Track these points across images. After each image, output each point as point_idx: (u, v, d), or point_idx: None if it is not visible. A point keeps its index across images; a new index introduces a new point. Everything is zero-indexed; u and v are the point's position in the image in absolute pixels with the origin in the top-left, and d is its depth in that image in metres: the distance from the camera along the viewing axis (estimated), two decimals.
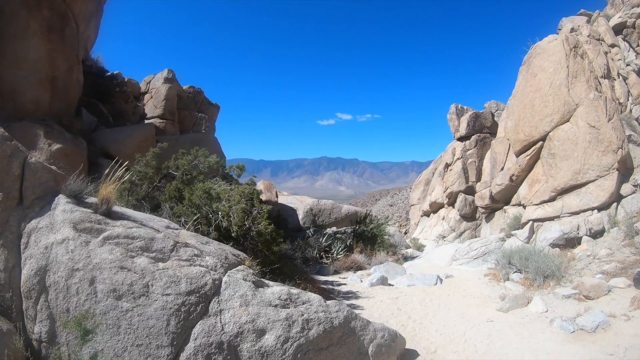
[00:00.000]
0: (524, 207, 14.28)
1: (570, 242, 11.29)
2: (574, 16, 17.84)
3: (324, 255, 14.00)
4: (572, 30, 15.15)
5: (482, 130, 22.51)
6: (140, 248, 4.28)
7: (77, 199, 4.77)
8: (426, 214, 26.20)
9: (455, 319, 7.73)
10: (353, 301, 9.14)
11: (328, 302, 4.68)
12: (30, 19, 11.61)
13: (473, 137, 22.34)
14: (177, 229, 5.06)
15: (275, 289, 4.46)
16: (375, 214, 32.44)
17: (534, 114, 13.81)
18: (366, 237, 16.67)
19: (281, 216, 18.66)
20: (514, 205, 15.70)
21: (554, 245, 11.42)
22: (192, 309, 3.99)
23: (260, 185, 20.14)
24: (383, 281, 11.02)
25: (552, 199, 12.80)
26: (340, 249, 14.42)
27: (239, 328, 4.00)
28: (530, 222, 13.05)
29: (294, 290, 4.55)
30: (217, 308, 4.09)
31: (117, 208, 4.92)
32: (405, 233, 31.27)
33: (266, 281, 4.72)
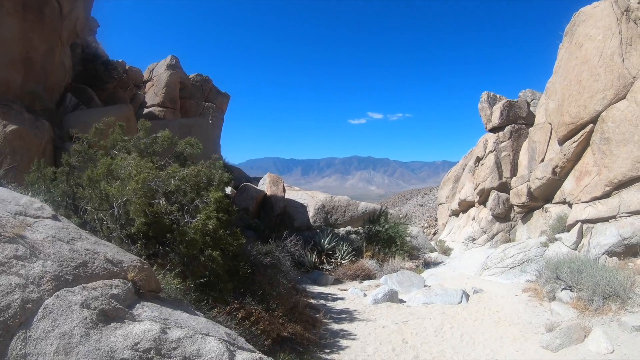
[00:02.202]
0: (570, 205, 12.02)
1: (631, 249, 9.17)
2: None
3: (325, 260, 11.93)
4: None
5: (517, 121, 19.98)
6: None
7: None
8: (455, 213, 23.85)
9: None
10: (345, 325, 7.08)
11: (240, 356, 2.64)
12: None
13: (507, 128, 19.83)
14: (37, 217, 3.19)
15: (136, 329, 2.46)
16: (405, 214, 30.65)
17: (582, 90, 11.42)
18: (381, 239, 14.52)
19: (287, 213, 16.79)
20: (557, 203, 13.32)
21: (610, 253, 9.20)
22: None
23: (266, 178, 18.43)
24: (391, 297, 9.01)
25: (607, 195, 10.59)
26: (345, 252, 12.30)
27: None
28: (579, 223, 10.80)
29: (175, 333, 2.53)
30: (20, 349, 2.20)
31: None
32: (434, 234, 29.36)
33: (140, 311, 2.71)
